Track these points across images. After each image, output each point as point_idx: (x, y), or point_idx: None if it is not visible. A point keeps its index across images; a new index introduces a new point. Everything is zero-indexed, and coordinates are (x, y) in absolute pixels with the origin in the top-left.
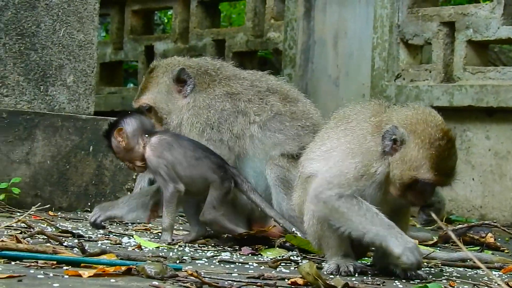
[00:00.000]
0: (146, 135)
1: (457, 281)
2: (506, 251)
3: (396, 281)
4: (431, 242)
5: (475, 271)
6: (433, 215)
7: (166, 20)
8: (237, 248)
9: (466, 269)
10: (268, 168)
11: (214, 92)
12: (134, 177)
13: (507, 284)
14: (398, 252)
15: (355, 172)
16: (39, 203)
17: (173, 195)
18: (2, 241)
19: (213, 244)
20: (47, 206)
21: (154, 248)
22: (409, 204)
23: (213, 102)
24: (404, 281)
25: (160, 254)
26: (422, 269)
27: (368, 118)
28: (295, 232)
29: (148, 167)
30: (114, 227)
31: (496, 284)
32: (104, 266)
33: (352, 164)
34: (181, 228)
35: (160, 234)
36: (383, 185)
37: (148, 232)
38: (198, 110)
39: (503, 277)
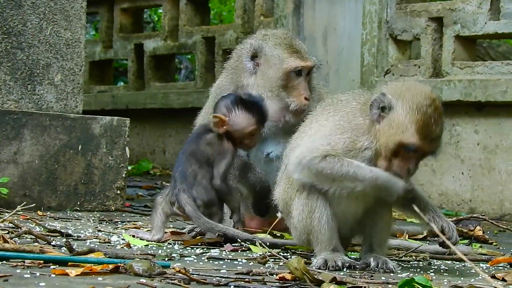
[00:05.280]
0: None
1: (444, 273)
2: (495, 243)
3: (384, 275)
4: (420, 236)
5: (463, 264)
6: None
7: (156, 18)
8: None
9: (454, 262)
10: None
11: None
12: (124, 175)
13: (494, 276)
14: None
15: (343, 147)
16: (25, 203)
17: None
18: None
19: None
20: (33, 205)
21: (143, 246)
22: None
23: None
24: (392, 274)
25: (149, 252)
26: (411, 262)
27: (358, 98)
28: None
29: None
30: (103, 225)
31: (481, 276)
32: (92, 264)
33: (341, 140)
34: (171, 226)
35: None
36: (372, 163)
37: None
38: None
39: (491, 269)
